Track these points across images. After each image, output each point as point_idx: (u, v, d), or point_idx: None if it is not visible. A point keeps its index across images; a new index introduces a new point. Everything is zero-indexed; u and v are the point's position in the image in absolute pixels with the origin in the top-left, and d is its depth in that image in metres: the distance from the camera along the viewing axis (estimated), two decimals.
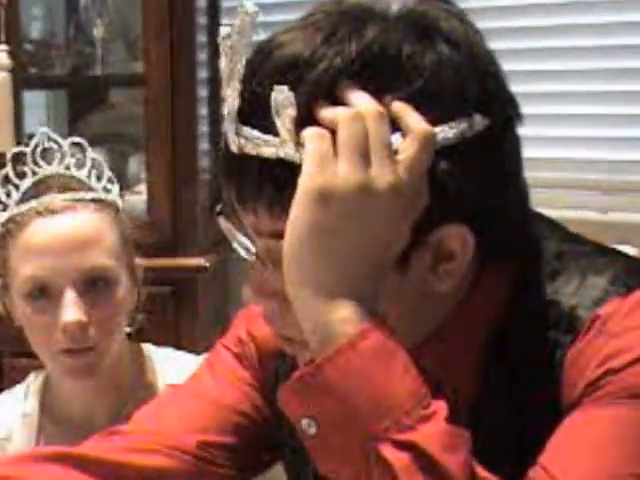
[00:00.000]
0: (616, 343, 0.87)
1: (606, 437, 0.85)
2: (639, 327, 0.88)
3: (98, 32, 2.93)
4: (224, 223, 0.97)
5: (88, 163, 1.59)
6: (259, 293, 0.94)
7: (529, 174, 0.95)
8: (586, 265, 0.94)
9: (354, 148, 0.83)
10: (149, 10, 2.75)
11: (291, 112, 0.84)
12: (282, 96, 0.84)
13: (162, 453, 1.07)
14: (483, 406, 0.95)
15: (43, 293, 1.50)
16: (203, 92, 2.89)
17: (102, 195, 1.57)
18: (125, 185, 1.65)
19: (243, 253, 0.96)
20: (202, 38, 2.87)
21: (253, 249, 0.94)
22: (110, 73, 2.98)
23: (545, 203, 1.40)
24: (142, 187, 2.84)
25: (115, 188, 1.60)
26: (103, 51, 2.94)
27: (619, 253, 0.99)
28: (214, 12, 2.96)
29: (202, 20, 2.89)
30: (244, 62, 0.88)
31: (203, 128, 2.89)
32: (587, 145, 2.56)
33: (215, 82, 2.88)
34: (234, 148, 0.89)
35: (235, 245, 0.96)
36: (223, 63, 0.89)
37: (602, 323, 0.89)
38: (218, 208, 0.96)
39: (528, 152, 0.94)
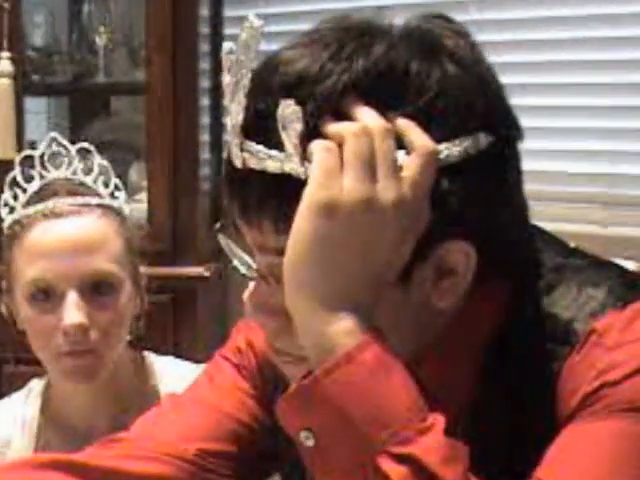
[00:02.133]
0: (612, 356, 0.88)
1: (602, 450, 0.85)
2: (635, 340, 0.88)
3: (101, 40, 2.94)
4: (224, 240, 0.97)
5: (95, 169, 1.60)
6: (260, 310, 0.93)
7: (529, 187, 0.95)
8: (583, 278, 0.94)
9: (360, 163, 0.84)
10: (152, 19, 2.76)
11: (298, 126, 0.84)
12: (289, 110, 0.84)
13: (161, 461, 1.07)
14: (481, 417, 0.95)
15: (46, 295, 1.51)
16: (205, 101, 2.90)
17: (108, 201, 1.58)
18: (125, 193, 1.65)
19: (243, 270, 0.96)
20: (204, 47, 2.87)
21: (254, 265, 0.94)
22: (112, 81, 2.98)
23: (545, 216, 1.40)
24: (142, 195, 2.85)
25: (122, 195, 1.61)
26: (105, 59, 2.95)
27: (616, 266, 0.99)
28: (217, 22, 2.96)
29: (205, 29, 2.90)
30: (249, 76, 0.88)
31: (204, 137, 2.90)
32: (588, 159, 2.56)
33: (217, 91, 2.88)
34: (238, 163, 0.89)
35: (235, 262, 0.96)
36: (227, 78, 0.89)
37: (598, 336, 0.89)
38: (218, 225, 0.96)
39: (528, 165, 0.94)
